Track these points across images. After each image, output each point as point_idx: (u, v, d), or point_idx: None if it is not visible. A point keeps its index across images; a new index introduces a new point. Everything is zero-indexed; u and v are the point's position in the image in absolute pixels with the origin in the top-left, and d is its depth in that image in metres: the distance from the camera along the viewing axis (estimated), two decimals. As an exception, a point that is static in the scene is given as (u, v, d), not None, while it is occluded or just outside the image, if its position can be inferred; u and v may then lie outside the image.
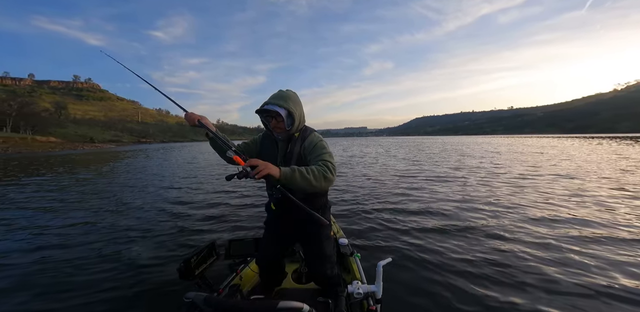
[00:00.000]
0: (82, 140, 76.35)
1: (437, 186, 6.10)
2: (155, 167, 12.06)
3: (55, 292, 2.10)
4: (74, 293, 2.08)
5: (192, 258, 1.26)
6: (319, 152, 1.22)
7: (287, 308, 0.80)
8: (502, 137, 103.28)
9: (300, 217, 1.35)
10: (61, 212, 4.50)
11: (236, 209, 4.49)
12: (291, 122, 1.27)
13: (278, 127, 1.27)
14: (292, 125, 1.27)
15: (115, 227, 3.64)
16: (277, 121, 1.26)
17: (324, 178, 1.09)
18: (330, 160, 1.18)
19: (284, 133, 1.29)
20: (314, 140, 1.28)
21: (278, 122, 1.26)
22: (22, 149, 34.98)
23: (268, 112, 1.25)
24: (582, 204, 4.31)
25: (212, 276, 1.40)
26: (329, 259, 1.42)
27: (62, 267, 2.51)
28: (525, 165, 9.69)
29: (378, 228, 3.43)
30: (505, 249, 2.73)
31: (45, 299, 2.02)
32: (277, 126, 1.27)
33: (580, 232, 3.11)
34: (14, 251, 2.90)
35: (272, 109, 1.23)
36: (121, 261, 2.61)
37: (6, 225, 3.81)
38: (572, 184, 5.99)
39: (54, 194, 6.05)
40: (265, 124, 1.34)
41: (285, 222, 1.42)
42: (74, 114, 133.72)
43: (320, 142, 1.27)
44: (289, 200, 1.07)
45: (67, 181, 8.32)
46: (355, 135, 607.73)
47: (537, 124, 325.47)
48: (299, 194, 1.14)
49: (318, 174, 1.09)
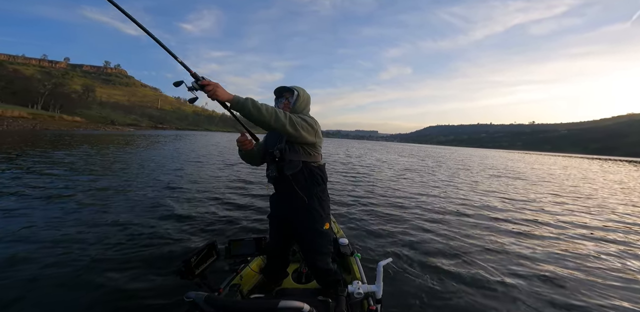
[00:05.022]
0: (105, 121, 79.99)
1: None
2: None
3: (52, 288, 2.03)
4: (75, 292, 2.03)
5: (192, 258, 1.25)
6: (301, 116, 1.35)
7: (288, 308, 0.80)
8: (526, 153, 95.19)
9: (296, 202, 1.41)
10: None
11: (240, 208, 4.35)
12: (295, 101, 1.44)
13: (287, 107, 1.44)
14: (295, 104, 1.43)
15: (111, 222, 3.49)
16: (288, 101, 1.46)
17: (276, 115, 1.17)
18: (299, 118, 1.30)
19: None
20: (308, 116, 1.45)
21: (289, 102, 1.46)
22: (50, 125, 37.14)
23: (286, 91, 1.46)
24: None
25: (213, 276, 1.39)
26: (322, 250, 1.46)
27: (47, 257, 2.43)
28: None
29: (378, 228, 3.44)
30: (502, 250, 2.83)
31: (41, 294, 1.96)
32: (287, 106, 1.45)
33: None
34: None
35: (289, 86, 1.46)
36: (121, 260, 2.53)
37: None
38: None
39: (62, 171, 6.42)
40: (276, 106, 1.49)
41: (283, 206, 1.48)
42: (100, 97, 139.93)
43: (311, 118, 1.42)
44: (285, 179, 1.33)
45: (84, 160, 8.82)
46: (366, 138, 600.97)
47: (560, 142, 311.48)
48: (297, 178, 1.36)
49: (272, 110, 1.17)
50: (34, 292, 1.98)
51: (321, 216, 1.44)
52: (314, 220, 1.42)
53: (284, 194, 1.46)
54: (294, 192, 1.38)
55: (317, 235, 1.44)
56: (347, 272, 1.84)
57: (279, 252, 1.59)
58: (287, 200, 1.44)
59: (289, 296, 1.52)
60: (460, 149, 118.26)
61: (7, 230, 2.96)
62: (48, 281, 2.15)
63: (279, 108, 1.42)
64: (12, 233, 2.90)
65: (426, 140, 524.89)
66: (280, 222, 1.52)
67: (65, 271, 2.31)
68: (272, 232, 1.58)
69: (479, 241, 3.15)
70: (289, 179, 1.38)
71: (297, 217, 1.44)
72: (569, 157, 64.15)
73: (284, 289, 1.71)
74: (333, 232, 2.02)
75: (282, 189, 1.46)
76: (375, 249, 2.83)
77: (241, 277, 1.63)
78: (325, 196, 1.49)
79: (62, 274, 2.26)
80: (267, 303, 0.83)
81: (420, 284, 2.16)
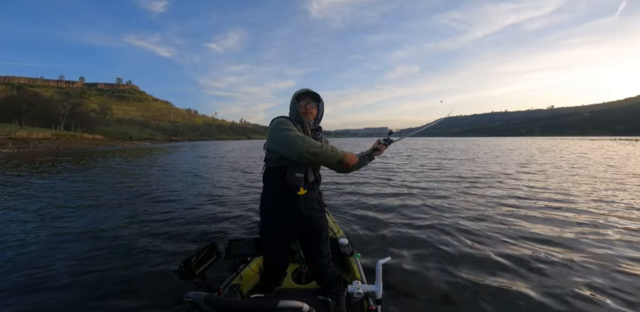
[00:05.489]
0: (123, 137, 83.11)
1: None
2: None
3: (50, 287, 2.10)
4: (73, 290, 2.09)
5: (192, 258, 1.26)
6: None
7: (287, 307, 0.80)
8: (552, 139, 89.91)
9: (313, 203, 1.46)
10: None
11: (241, 208, 4.47)
12: (321, 115, 1.54)
13: (311, 113, 1.47)
14: (321, 117, 1.54)
15: (114, 221, 3.71)
16: (311, 107, 1.47)
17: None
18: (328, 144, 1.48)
19: (312, 121, 1.50)
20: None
21: (312, 108, 1.48)
22: (72, 145, 38.73)
23: (311, 95, 1.48)
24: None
25: (213, 276, 1.41)
26: (326, 241, 1.54)
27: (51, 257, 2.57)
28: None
29: (378, 228, 3.36)
30: (498, 248, 2.69)
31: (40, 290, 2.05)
32: (310, 112, 1.47)
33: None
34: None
35: (319, 95, 1.49)
36: (121, 260, 2.60)
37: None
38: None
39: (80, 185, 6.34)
40: (295, 108, 1.45)
41: (298, 208, 1.42)
42: (117, 114, 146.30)
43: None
44: (314, 183, 1.46)
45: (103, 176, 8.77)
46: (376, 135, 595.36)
47: (583, 125, 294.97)
48: (317, 180, 1.48)
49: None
50: (33, 292, 2.06)
51: (325, 212, 1.56)
52: (324, 218, 1.52)
53: (302, 196, 1.41)
54: (313, 193, 1.44)
55: (325, 230, 1.53)
56: (347, 272, 1.84)
57: (282, 254, 1.56)
58: (308, 201, 1.43)
59: (288, 296, 1.52)
60: (475, 139, 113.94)
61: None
62: (48, 281, 2.20)
63: (300, 111, 1.45)
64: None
65: (438, 132, 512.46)
66: (290, 223, 1.47)
67: (65, 271, 2.37)
68: (273, 233, 1.52)
69: (481, 241, 2.96)
70: (314, 181, 1.44)
71: (312, 217, 1.45)
72: (600, 140, 59.85)
73: (283, 289, 1.70)
74: (333, 232, 2.01)
75: (311, 192, 1.44)
76: (375, 249, 2.77)
77: (241, 278, 1.64)
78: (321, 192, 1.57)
79: (63, 274, 2.31)
80: (266, 303, 0.83)
81: (421, 283, 2.11)
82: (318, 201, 1.48)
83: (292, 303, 0.80)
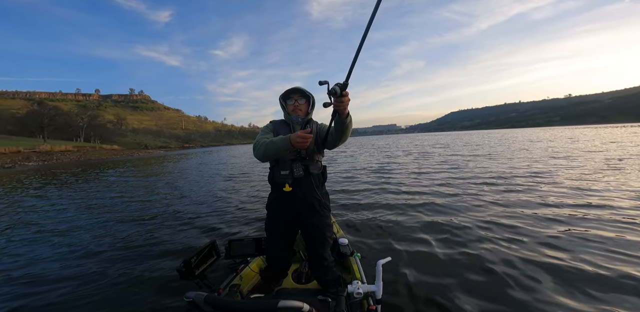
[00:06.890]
0: (138, 147, 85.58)
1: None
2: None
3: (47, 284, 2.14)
4: (71, 289, 2.09)
5: (193, 258, 1.27)
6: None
7: (287, 307, 0.79)
8: (576, 128, 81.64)
9: (312, 201, 1.44)
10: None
11: (241, 209, 4.44)
12: (311, 108, 1.52)
13: (300, 110, 1.50)
14: (312, 111, 1.53)
15: (114, 222, 3.78)
16: (300, 104, 1.49)
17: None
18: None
19: (302, 116, 1.51)
20: (322, 124, 1.58)
21: (300, 105, 1.49)
22: (92, 155, 39.93)
23: (299, 92, 1.49)
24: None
25: (213, 276, 1.39)
26: (329, 241, 1.52)
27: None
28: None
29: (378, 228, 3.29)
30: (496, 248, 2.57)
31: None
32: (299, 108, 1.49)
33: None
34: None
35: (305, 90, 1.49)
36: (121, 260, 2.61)
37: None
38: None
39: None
40: (284, 108, 1.53)
41: (296, 206, 1.44)
42: (132, 124, 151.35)
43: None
44: (307, 179, 1.40)
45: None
46: (384, 133, 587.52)
47: (606, 112, 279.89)
48: (316, 177, 1.45)
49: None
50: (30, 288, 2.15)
51: (330, 211, 1.54)
52: (327, 216, 1.50)
53: (299, 194, 1.42)
54: (312, 191, 1.43)
55: (328, 229, 1.51)
56: (347, 272, 1.83)
57: (281, 252, 1.56)
58: (303, 200, 1.43)
59: (288, 296, 1.51)
60: (489, 131, 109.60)
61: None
62: (45, 280, 2.26)
63: (290, 110, 1.50)
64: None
65: (449, 127, 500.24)
66: (288, 222, 1.49)
67: (65, 271, 2.42)
68: (273, 233, 1.53)
69: (483, 240, 2.80)
70: (310, 178, 1.42)
71: (313, 216, 1.44)
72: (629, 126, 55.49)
73: (283, 289, 1.69)
74: (333, 232, 2.02)
75: (299, 189, 1.42)
76: (375, 249, 2.69)
77: (241, 278, 1.63)
78: (327, 193, 1.57)
79: (62, 274, 2.36)
80: (266, 303, 0.82)
81: (421, 284, 2.04)
82: (319, 202, 1.45)
83: (292, 303, 0.79)
